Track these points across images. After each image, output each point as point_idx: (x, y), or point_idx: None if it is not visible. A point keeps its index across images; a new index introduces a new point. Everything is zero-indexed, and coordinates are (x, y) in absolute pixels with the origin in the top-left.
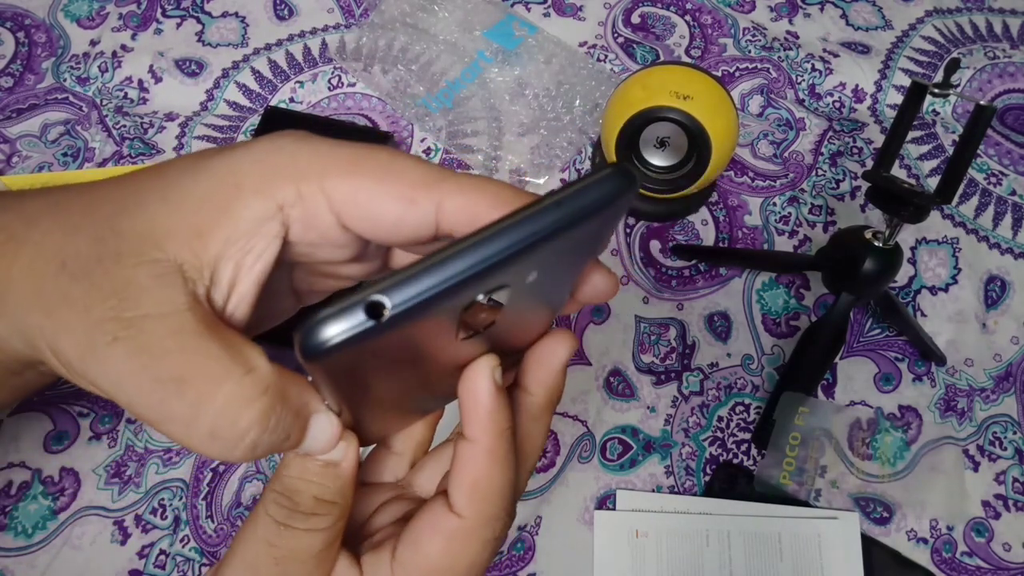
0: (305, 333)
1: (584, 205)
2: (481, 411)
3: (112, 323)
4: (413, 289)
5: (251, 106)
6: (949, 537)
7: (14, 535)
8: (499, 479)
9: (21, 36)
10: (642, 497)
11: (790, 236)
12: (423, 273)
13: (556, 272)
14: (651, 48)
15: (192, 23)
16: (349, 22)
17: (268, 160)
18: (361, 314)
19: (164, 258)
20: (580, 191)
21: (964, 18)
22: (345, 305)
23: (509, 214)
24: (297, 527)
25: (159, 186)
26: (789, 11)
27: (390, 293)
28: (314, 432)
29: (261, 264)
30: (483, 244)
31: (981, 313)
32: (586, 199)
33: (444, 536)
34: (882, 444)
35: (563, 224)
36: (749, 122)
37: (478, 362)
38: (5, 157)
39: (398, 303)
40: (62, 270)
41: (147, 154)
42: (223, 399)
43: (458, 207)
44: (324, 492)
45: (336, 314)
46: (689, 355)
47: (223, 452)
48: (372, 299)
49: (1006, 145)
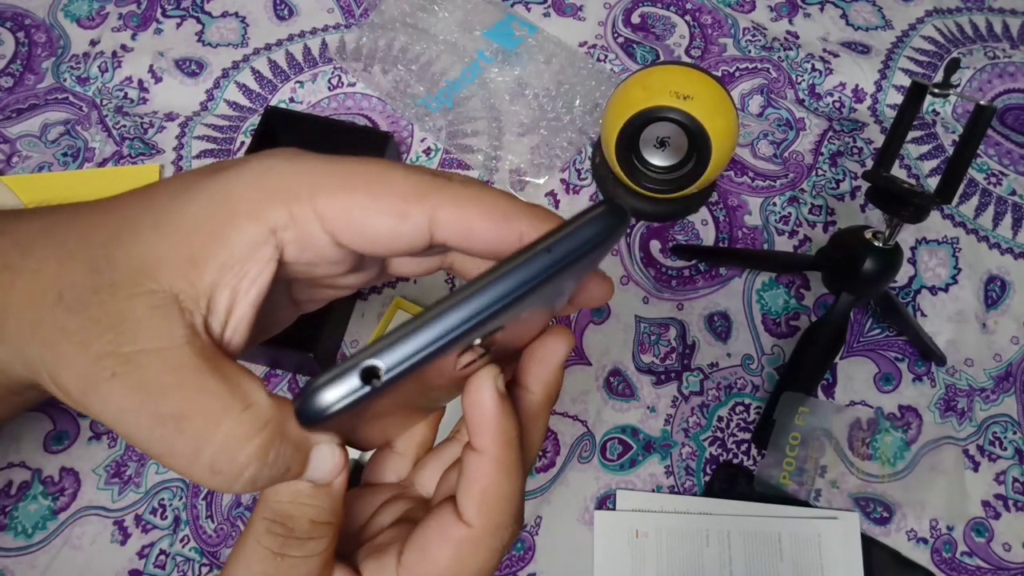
0: (303, 403)
1: (575, 248)
2: (487, 422)
3: (111, 358)
4: (406, 349)
5: (251, 106)
6: (949, 537)
7: (14, 535)
8: (508, 488)
9: (21, 36)
10: (642, 497)
11: (790, 236)
12: (416, 332)
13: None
14: (651, 48)
15: (192, 23)
16: (349, 22)
17: (259, 182)
18: (356, 380)
19: (159, 289)
20: (570, 234)
21: (964, 18)
22: (340, 371)
23: (499, 264)
24: (295, 555)
25: (151, 212)
26: (789, 11)
27: (383, 356)
28: (315, 463)
29: (256, 288)
30: (473, 299)
31: (981, 313)
32: (577, 241)
33: (453, 544)
34: (882, 444)
35: (554, 271)
36: (749, 122)
37: (480, 374)
38: (5, 157)
39: (392, 365)
40: (59, 301)
41: (147, 154)
42: (222, 437)
43: (452, 219)
44: (319, 514)
45: (331, 381)
46: (689, 355)
47: (223, 486)
48: (367, 364)
49: (1006, 145)
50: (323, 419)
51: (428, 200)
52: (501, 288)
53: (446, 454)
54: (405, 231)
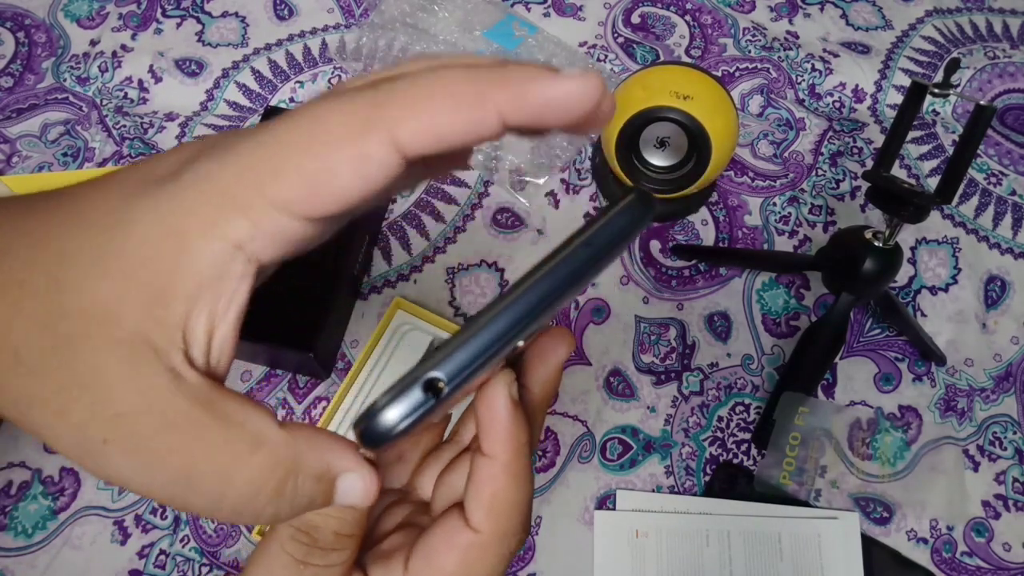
0: (366, 426)
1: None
2: (499, 427)
3: (96, 425)
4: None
5: (251, 106)
6: (949, 537)
7: (14, 535)
8: (517, 494)
9: (21, 36)
10: (642, 497)
11: (790, 236)
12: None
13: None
14: (651, 48)
15: (192, 23)
16: (349, 22)
17: (202, 196)
18: (420, 393)
19: (125, 336)
20: (605, 225)
21: (964, 18)
22: (400, 389)
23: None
24: (317, 563)
25: (88, 241)
26: (789, 11)
27: (443, 367)
28: (344, 490)
29: (236, 305)
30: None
31: (981, 313)
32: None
33: (460, 550)
34: (882, 444)
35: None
36: (749, 122)
37: (496, 380)
38: (5, 157)
39: (453, 375)
40: (18, 363)
41: (147, 154)
42: (235, 491)
43: (416, 133)
44: (344, 526)
45: (393, 400)
46: (689, 355)
47: (250, 522)
48: (429, 376)
49: (1006, 145)
50: (391, 439)
51: (378, 128)
52: (547, 285)
53: (444, 456)
54: (372, 171)
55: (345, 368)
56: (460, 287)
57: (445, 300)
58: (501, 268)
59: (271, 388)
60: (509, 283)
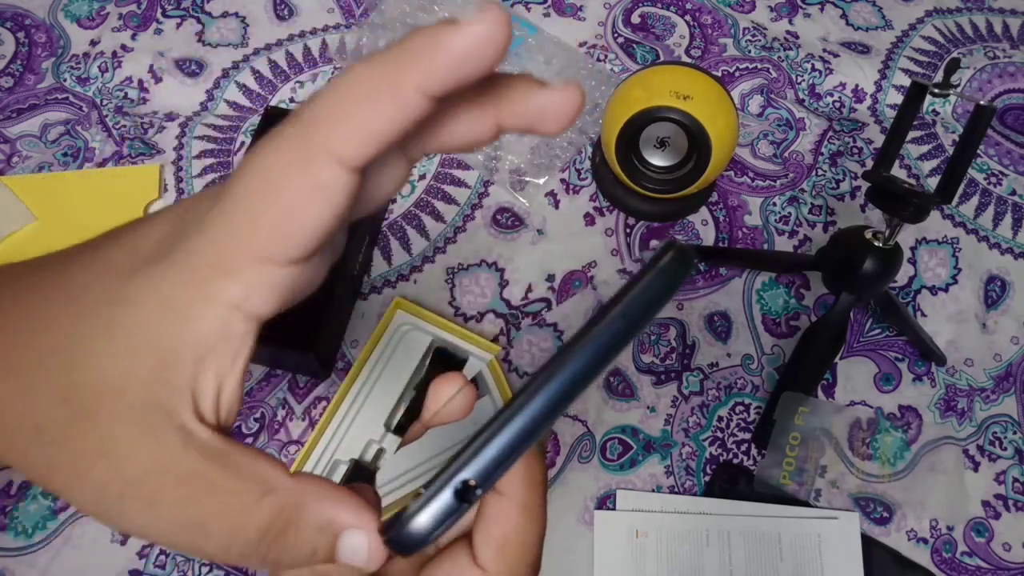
0: (399, 535)
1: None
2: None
3: (113, 485)
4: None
5: (251, 106)
6: (949, 537)
7: (14, 535)
8: (530, 535)
9: (21, 36)
10: (642, 497)
11: (790, 236)
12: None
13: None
14: (651, 48)
15: (192, 23)
16: (349, 22)
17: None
18: (451, 499)
19: (136, 403)
20: (642, 292)
21: (964, 18)
22: (430, 496)
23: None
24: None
25: (92, 328)
26: (789, 11)
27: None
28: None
29: (241, 360)
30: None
31: (981, 313)
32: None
33: None
34: (882, 444)
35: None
36: (749, 122)
37: None
38: (5, 157)
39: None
40: (40, 435)
41: (147, 154)
42: (246, 534)
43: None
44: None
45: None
46: (689, 355)
47: (257, 566)
48: (462, 479)
49: (1006, 145)
50: (425, 544)
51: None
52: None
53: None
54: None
55: (345, 368)
56: (460, 287)
57: (445, 300)
58: (501, 268)
59: (271, 388)
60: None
